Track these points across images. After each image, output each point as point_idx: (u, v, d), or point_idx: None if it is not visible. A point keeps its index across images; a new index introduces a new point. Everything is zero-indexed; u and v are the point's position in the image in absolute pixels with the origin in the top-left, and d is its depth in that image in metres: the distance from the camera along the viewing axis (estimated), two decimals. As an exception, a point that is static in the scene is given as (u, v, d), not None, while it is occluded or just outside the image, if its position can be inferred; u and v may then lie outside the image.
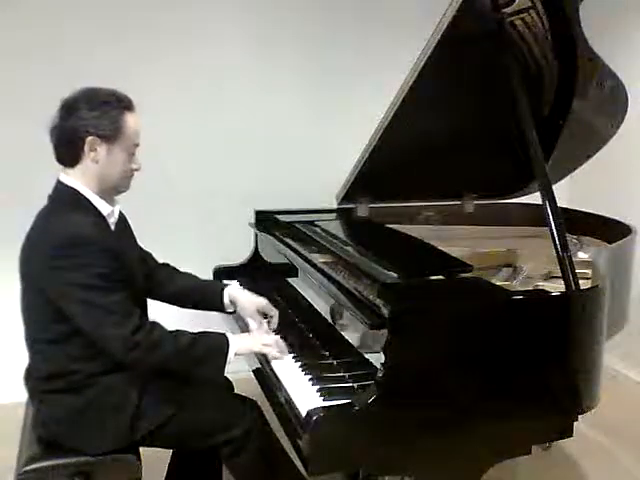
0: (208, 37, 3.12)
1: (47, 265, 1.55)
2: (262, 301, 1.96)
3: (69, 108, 1.61)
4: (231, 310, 2.00)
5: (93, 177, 1.64)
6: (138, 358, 1.58)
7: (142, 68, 2.97)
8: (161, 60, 3.03)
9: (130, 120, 1.64)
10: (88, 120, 1.59)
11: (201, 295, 2.00)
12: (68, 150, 1.63)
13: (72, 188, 1.64)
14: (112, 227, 1.71)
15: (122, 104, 1.64)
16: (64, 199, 1.65)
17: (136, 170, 1.71)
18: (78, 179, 1.64)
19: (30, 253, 1.62)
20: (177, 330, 1.66)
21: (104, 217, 1.67)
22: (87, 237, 1.55)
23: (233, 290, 2.00)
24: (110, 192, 1.70)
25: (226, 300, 1.97)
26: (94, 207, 1.66)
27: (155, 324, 1.64)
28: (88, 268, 1.53)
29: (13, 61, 2.82)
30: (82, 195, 1.64)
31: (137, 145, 1.70)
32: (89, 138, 1.59)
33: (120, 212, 1.77)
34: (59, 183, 1.67)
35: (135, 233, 1.91)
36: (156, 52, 3.02)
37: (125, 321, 1.56)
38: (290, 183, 3.14)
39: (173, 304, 2.01)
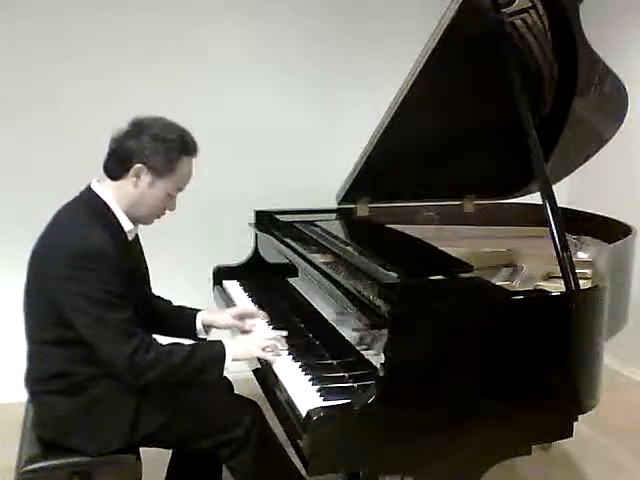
0: (208, 38, 3.11)
1: (60, 272, 1.54)
2: (235, 309, 1.97)
3: (137, 129, 1.63)
4: (203, 336, 1.96)
5: (126, 197, 1.65)
6: (134, 378, 1.58)
7: (142, 70, 2.97)
8: (161, 60, 3.03)
9: (185, 166, 1.67)
10: (146, 148, 1.60)
11: (173, 321, 1.96)
12: (115, 165, 1.65)
13: (101, 199, 1.65)
14: (129, 240, 1.71)
15: (185, 148, 1.65)
16: (90, 207, 1.64)
17: (170, 210, 1.73)
18: (111, 192, 1.65)
19: (43, 256, 1.62)
20: (174, 344, 1.66)
21: (123, 231, 1.68)
22: (103, 251, 1.55)
23: (204, 316, 1.96)
24: (134, 219, 1.70)
25: (198, 325, 1.94)
26: (117, 221, 1.66)
27: (153, 342, 1.63)
28: (101, 283, 1.53)
29: (13, 61, 2.83)
30: (109, 207, 1.65)
31: (181, 190, 1.72)
32: (138, 165, 1.61)
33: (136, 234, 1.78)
34: (89, 190, 1.67)
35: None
36: (156, 54, 3.01)
37: (127, 341, 1.55)
38: (290, 183, 3.14)
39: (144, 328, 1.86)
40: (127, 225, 1.68)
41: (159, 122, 1.65)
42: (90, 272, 1.53)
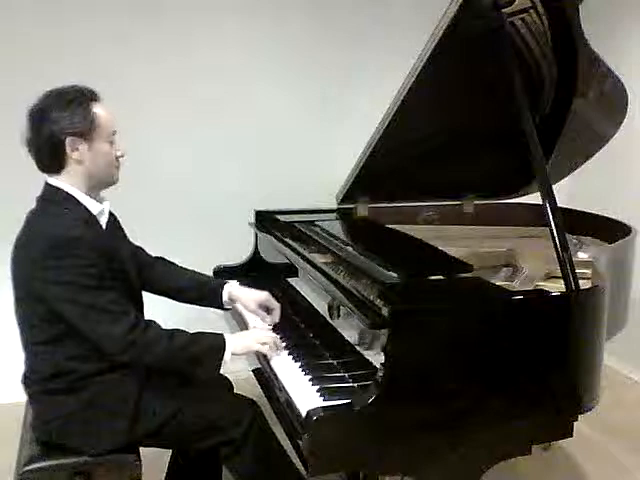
0: (207, 38, 3.11)
1: (39, 267, 1.54)
2: (262, 295, 1.98)
3: (39, 115, 1.60)
4: (229, 307, 2.01)
5: (81, 177, 1.64)
6: (134, 356, 1.58)
7: (141, 69, 2.97)
8: (160, 61, 3.02)
9: (100, 110, 1.64)
10: (62, 122, 1.57)
11: (199, 292, 1.99)
12: (51, 157, 1.61)
13: (61, 189, 1.63)
14: (103, 226, 1.70)
15: (87, 97, 1.62)
16: (54, 200, 1.64)
17: (120, 157, 1.71)
18: (66, 182, 1.64)
19: (21, 255, 1.61)
20: (174, 329, 1.66)
21: (94, 216, 1.67)
22: (78, 237, 1.54)
23: (233, 288, 2.00)
24: (100, 187, 1.70)
25: (225, 298, 1.98)
26: (84, 207, 1.65)
27: (151, 323, 1.64)
28: (81, 268, 1.53)
29: (13, 60, 2.82)
30: (71, 196, 1.63)
31: (115, 132, 1.69)
32: (68, 139, 1.58)
33: (110, 211, 1.76)
34: (47, 185, 1.65)
35: (135, 233, 1.91)
36: (155, 53, 3.01)
37: (121, 319, 1.56)
38: (290, 183, 3.14)
39: (170, 298, 2.01)
40: (95, 208, 1.67)
41: (51, 94, 1.62)
42: (68, 259, 1.52)
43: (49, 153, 1.61)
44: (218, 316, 2.28)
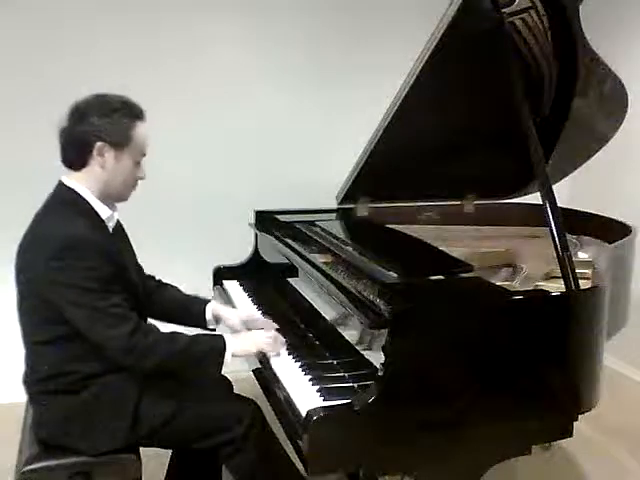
0: (208, 38, 3.12)
1: (44, 267, 1.54)
2: (244, 313, 1.98)
3: (80, 113, 1.61)
4: (212, 327, 1.97)
5: (97, 182, 1.65)
6: (134, 361, 1.58)
7: (142, 69, 2.97)
8: (161, 61, 3.03)
9: (140, 129, 1.66)
10: (99, 126, 1.59)
11: (183, 311, 1.97)
12: (76, 154, 1.63)
13: (73, 190, 1.64)
14: (110, 231, 1.71)
15: (133, 113, 1.64)
16: (64, 201, 1.64)
17: (141, 179, 1.72)
18: (81, 182, 1.64)
19: (27, 254, 1.62)
20: (174, 332, 1.66)
21: (102, 220, 1.67)
22: (85, 240, 1.55)
23: (216, 305, 1.98)
24: (110, 198, 1.70)
25: (208, 316, 1.95)
26: (94, 210, 1.65)
27: (152, 327, 1.64)
28: (85, 271, 1.53)
29: (13, 61, 2.83)
30: (83, 198, 1.64)
31: (144, 155, 1.70)
32: (98, 144, 1.60)
33: (117, 220, 1.77)
34: (61, 184, 1.66)
35: (136, 233, 1.90)
36: (156, 53, 3.02)
37: (122, 324, 1.56)
38: (290, 183, 3.14)
39: (156, 319, 1.93)
40: (104, 212, 1.67)
41: (97, 99, 1.63)
42: (74, 261, 1.53)
43: (76, 149, 1.63)
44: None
